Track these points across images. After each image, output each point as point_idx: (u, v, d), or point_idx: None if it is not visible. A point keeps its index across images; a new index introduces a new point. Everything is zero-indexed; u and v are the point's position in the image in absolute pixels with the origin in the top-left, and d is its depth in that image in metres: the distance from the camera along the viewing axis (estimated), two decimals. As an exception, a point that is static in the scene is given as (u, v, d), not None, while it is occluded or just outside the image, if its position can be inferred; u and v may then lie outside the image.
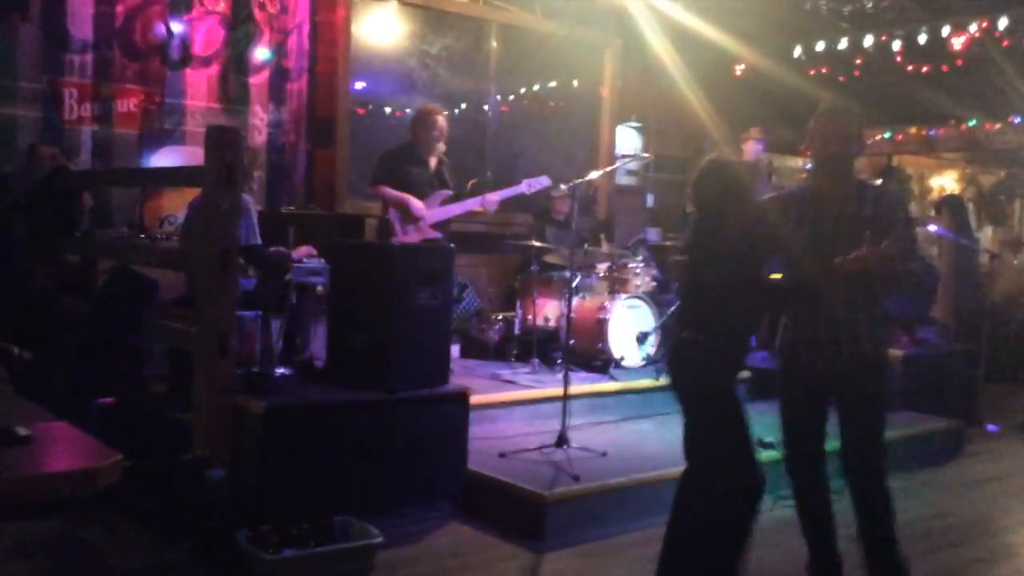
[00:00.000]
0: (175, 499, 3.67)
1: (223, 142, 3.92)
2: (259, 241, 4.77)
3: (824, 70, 8.45)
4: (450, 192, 5.60)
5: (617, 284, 6.59)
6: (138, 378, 5.00)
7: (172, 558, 3.60)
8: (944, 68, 7.72)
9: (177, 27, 6.05)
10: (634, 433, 5.46)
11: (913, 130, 9.65)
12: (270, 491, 3.87)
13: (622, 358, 6.20)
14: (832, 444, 3.49)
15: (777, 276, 3.28)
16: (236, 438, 3.97)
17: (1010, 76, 7.41)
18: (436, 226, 5.52)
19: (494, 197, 5.68)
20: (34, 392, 2.61)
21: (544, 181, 5.90)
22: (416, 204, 5.44)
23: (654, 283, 6.81)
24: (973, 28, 7.22)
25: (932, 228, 8.15)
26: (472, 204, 5.65)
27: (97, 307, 4.73)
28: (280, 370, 4.54)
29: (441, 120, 5.57)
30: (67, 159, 5.48)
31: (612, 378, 6.00)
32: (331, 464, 4.06)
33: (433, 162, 5.64)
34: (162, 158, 6.02)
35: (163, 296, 4.89)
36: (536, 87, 8.14)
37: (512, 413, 5.33)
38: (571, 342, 5.33)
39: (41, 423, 1.81)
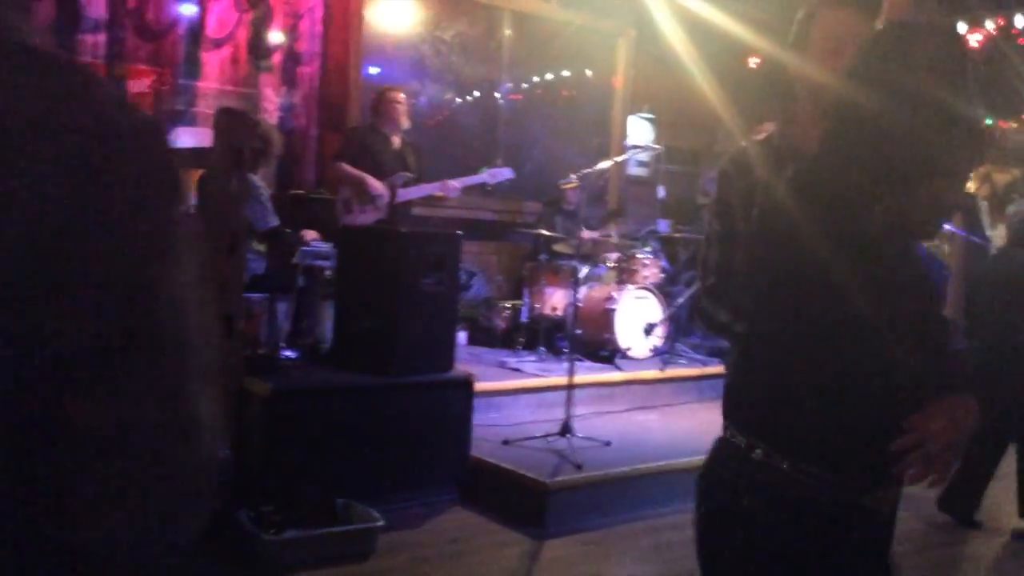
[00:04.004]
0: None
1: (231, 125, 3.93)
2: (276, 222, 4.77)
3: (839, 64, 8.39)
4: (410, 175, 5.56)
5: (625, 275, 6.58)
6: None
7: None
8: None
9: (191, 8, 6.05)
10: (638, 424, 5.46)
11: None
12: (273, 472, 3.89)
13: (628, 348, 6.20)
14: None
15: None
16: (241, 419, 3.99)
17: (1027, 74, 7.35)
18: (395, 207, 5.45)
19: (455, 184, 5.65)
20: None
21: (506, 173, 5.90)
22: (374, 184, 5.41)
23: (662, 275, 6.80)
24: (990, 25, 7.16)
25: (947, 226, 8.10)
26: (432, 188, 5.62)
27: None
28: (286, 353, 4.55)
29: (402, 96, 5.55)
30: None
31: (618, 368, 6.00)
32: (335, 447, 4.08)
33: (397, 141, 5.63)
34: (174, 139, 6.03)
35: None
36: (549, 76, 8.12)
37: (517, 401, 5.33)
38: (578, 331, 5.33)
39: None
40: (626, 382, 5.90)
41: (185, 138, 6.04)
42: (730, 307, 1.90)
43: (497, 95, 7.83)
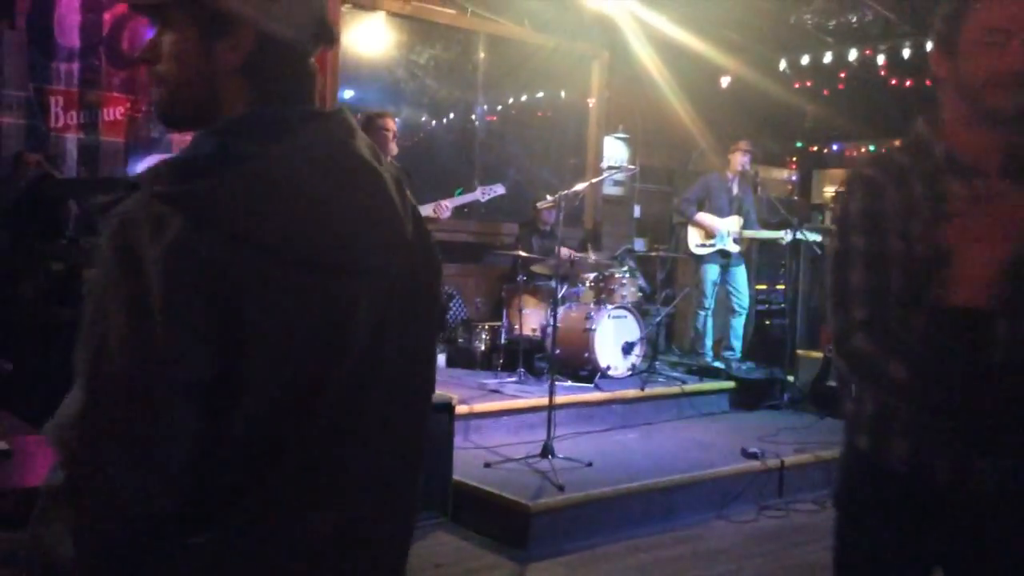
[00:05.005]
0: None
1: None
2: None
3: (808, 83, 8.52)
4: None
5: (603, 294, 6.61)
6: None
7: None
8: (927, 82, 7.79)
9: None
10: (619, 443, 5.48)
11: (897, 143, 9.71)
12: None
13: (608, 368, 6.22)
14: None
15: None
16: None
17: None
18: None
19: (447, 203, 5.67)
20: (14, 402, 2.60)
21: (498, 189, 5.91)
22: None
23: (640, 293, 6.84)
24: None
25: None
26: (426, 210, 5.64)
27: (81, 315, 4.70)
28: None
29: (391, 123, 5.56)
30: (52, 167, 5.46)
31: (598, 388, 6.01)
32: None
33: None
34: (148, 166, 6.01)
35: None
36: (524, 97, 8.17)
37: (498, 423, 5.33)
38: (557, 352, 5.34)
39: (21, 435, 1.81)
40: (606, 402, 5.92)
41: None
42: (906, 357, 1.57)
43: (473, 117, 7.87)
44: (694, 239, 7.09)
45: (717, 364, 6.97)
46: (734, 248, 6.97)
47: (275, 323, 1.00)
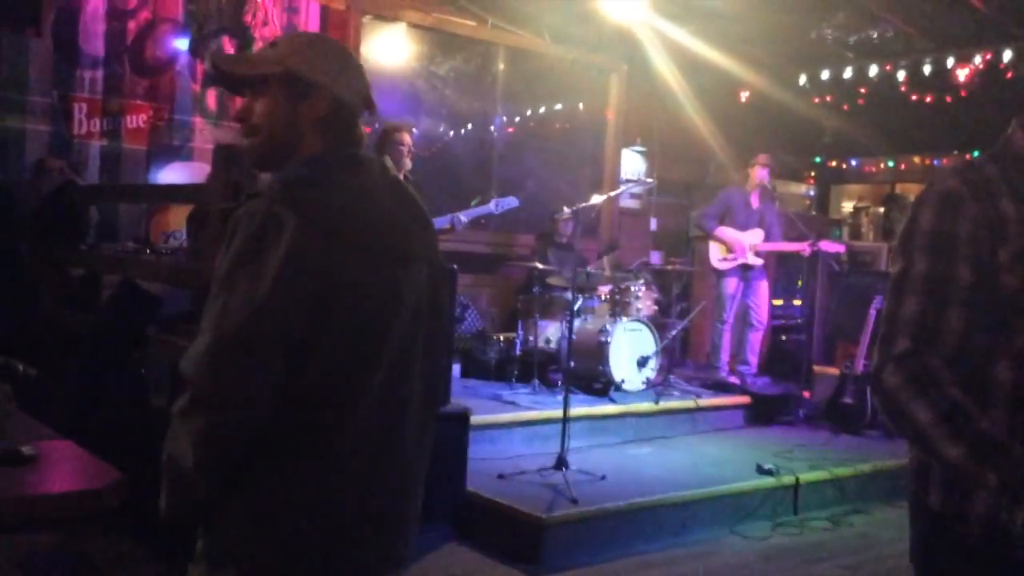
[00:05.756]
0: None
1: (230, 160, 3.95)
2: None
3: (828, 98, 8.50)
4: None
5: (619, 307, 6.60)
6: (141, 393, 5.00)
7: (170, 573, 3.60)
8: (948, 99, 7.77)
9: (184, 44, 6.11)
10: (633, 457, 5.46)
11: (916, 159, 9.69)
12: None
13: (623, 381, 6.20)
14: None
15: None
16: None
17: (1013, 108, 7.44)
18: None
19: (463, 217, 5.71)
20: (38, 407, 2.62)
21: (512, 202, 5.92)
22: None
23: (655, 307, 6.82)
24: (977, 60, 7.27)
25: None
26: (442, 223, 5.67)
27: (101, 321, 4.74)
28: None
29: (407, 137, 5.57)
30: (75, 173, 5.52)
31: (612, 401, 6.00)
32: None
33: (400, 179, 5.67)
34: (170, 174, 6.06)
35: (168, 311, 4.91)
36: (542, 109, 8.19)
37: (512, 434, 5.33)
38: (572, 364, 5.34)
39: (46, 441, 1.83)
40: (620, 415, 5.90)
41: (181, 173, 6.08)
42: (932, 400, 1.39)
43: (491, 128, 7.89)
44: (715, 253, 7.08)
45: (732, 379, 6.94)
46: (756, 262, 6.95)
47: (353, 297, 1.40)
